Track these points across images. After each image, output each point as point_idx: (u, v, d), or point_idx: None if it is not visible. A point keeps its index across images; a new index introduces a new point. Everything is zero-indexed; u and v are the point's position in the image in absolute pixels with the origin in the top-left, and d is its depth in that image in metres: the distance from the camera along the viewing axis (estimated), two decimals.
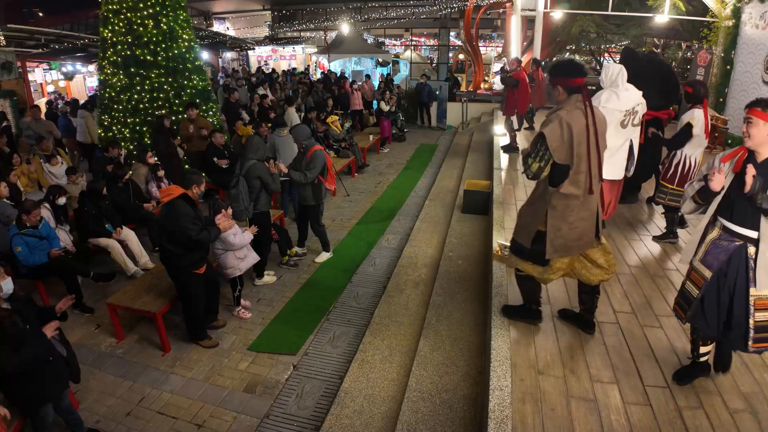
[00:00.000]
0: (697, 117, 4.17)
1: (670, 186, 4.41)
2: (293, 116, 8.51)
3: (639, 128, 4.19)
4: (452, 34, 21.67)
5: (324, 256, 5.59)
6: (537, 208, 2.80)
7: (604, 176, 4.10)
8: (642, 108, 4.13)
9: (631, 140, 4.12)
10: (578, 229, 2.71)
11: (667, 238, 4.60)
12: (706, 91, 4.31)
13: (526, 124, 8.94)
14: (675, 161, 4.38)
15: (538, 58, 10.74)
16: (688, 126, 4.19)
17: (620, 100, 3.94)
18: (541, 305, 3.27)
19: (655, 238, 4.66)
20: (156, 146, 6.68)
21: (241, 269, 4.36)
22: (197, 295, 3.95)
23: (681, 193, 4.38)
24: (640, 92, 4.14)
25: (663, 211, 4.73)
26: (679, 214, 4.60)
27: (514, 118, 7.76)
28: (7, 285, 2.91)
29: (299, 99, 11.75)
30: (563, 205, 2.67)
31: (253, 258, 4.49)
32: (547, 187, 2.72)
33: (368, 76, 13.72)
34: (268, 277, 5.14)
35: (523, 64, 11.96)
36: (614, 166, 4.12)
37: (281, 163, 5.14)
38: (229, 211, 4.28)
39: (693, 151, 4.27)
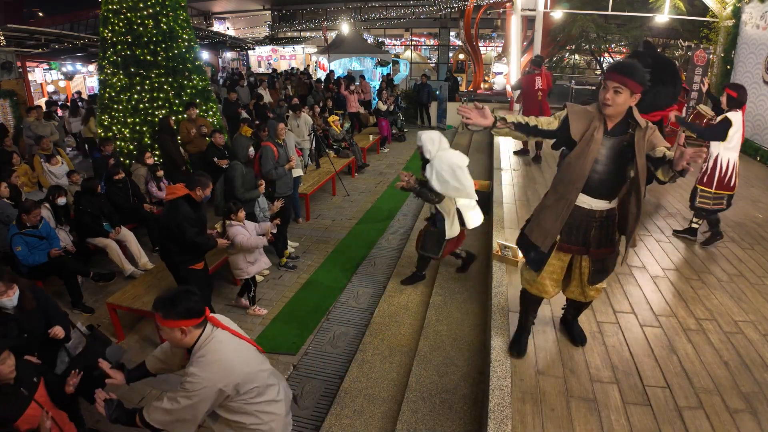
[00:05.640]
0: (735, 118, 4.11)
1: (709, 190, 4.31)
2: (308, 120, 8.01)
3: None
4: (452, 34, 21.67)
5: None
6: None
7: None
8: None
9: None
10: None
11: (714, 240, 4.47)
12: (747, 96, 4.22)
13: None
14: (711, 164, 4.27)
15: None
16: (727, 120, 4.10)
17: None
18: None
19: (703, 244, 4.50)
20: (161, 145, 6.66)
21: (250, 273, 4.34)
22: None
23: (722, 196, 4.28)
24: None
25: (696, 218, 4.53)
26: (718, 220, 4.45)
27: None
28: (12, 301, 2.93)
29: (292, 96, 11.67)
30: None
31: (264, 263, 4.50)
32: None
33: (362, 77, 13.69)
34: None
35: (523, 65, 12.02)
36: None
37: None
38: (242, 214, 4.28)
39: (729, 154, 4.19)
